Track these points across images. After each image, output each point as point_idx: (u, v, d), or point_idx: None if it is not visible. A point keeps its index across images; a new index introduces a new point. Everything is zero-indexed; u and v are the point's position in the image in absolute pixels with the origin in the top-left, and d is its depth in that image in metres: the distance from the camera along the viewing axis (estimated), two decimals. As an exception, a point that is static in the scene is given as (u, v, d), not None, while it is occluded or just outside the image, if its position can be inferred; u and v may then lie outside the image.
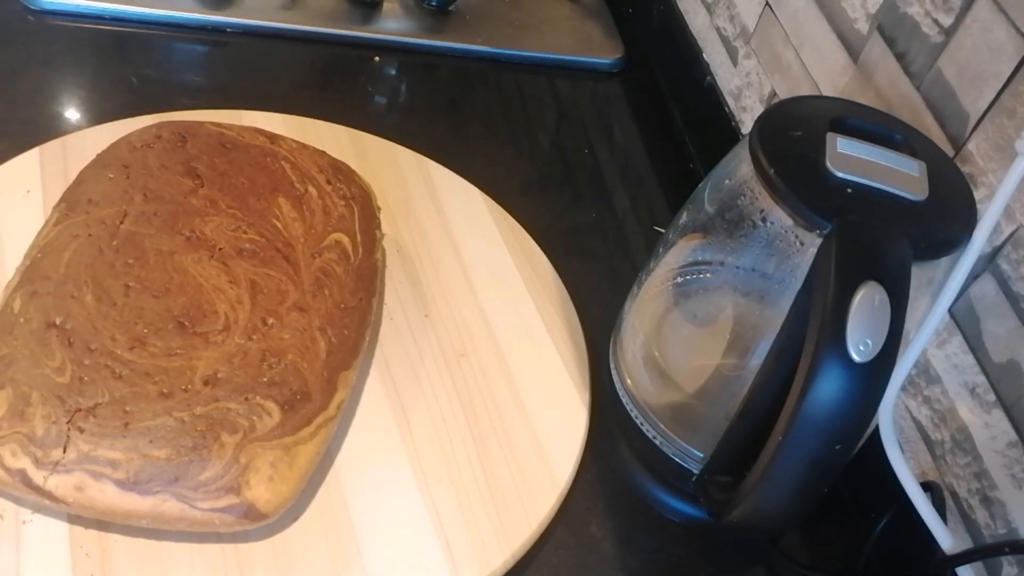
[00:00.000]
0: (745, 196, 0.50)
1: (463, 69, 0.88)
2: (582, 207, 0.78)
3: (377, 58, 0.87)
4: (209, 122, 0.63)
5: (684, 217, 0.56)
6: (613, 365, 0.61)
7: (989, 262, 0.51)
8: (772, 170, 0.46)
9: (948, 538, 0.52)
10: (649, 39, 0.96)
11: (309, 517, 0.52)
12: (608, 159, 0.83)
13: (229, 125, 0.63)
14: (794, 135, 0.48)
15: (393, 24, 0.88)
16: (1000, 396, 0.51)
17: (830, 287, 0.42)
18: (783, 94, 0.74)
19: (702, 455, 0.56)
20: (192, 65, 0.81)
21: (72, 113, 0.74)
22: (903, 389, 0.58)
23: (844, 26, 0.66)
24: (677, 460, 0.57)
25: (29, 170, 0.65)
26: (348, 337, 0.55)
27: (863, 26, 0.64)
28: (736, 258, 0.54)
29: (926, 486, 0.54)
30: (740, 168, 0.51)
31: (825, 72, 0.68)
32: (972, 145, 0.53)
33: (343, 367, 0.54)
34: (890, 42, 0.61)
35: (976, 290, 0.52)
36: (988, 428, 0.52)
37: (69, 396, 0.47)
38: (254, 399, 0.50)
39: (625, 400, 0.60)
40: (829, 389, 0.41)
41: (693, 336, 0.62)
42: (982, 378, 0.52)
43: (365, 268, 0.59)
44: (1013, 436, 0.50)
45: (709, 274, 0.58)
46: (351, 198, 0.61)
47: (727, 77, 0.82)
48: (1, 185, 0.64)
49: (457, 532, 0.53)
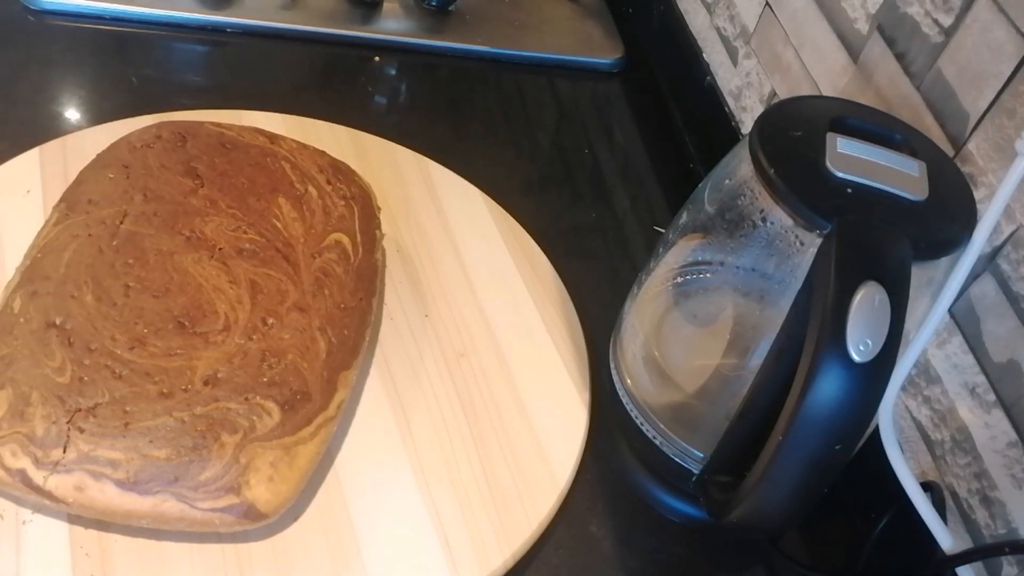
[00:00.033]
0: (745, 196, 0.50)
1: (463, 69, 0.88)
2: (582, 207, 0.78)
3: (377, 58, 0.87)
4: (209, 122, 0.63)
5: (684, 217, 0.56)
6: (613, 365, 0.61)
7: (989, 262, 0.51)
8: (772, 170, 0.46)
9: (948, 538, 0.52)
10: (649, 39, 0.95)
11: (309, 517, 0.52)
12: (608, 159, 0.83)
13: (229, 125, 0.63)
14: (794, 135, 0.48)
15: (393, 24, 0.88)
16: (1000, 396, 0.51)
17: (830, 287, 0.42)
18: (783, 94, 0.74)
19: (702, 455, 0.56)
20: (192, 65, 0.81)
21: (72, 113, 0.74)
22: (903, 389, 0.58)
23: (844, 26, 0.66)
24: (677, 460, 0.57)
25: (29, 170, 0.65)
26: (348, 337, 0.55)
27: (863, 26, 0.64)
28: (736, 258, 0.54)
29: (926, 486, 0.54)
30: (740, 168, 0.51)
31: (825, 72, 0.68)
32: (972, 145, 0.53)
33: (343, 367, 0.54)
34: (890, 42, 0.61)
35: (976, 290, 0.52)
36: (988, 428, 0.52)
37: (69, 396, 0.47)
38: (254, 399, 0.50)
39: (625, 400, 0.60)
40: (829, 389, 0.41)
41: (693, 336, 0.62)
42: (982, 378, 0.52)
43: (365, 268, 0.59)
44: (1013, 436, 0.50)
45: (709, 274, 0.58)
46: (351, 198, 0.61)
47: (727, 77, 0.82)
48: (1, 185, 0.64)
49: (457, 532, 0.53)
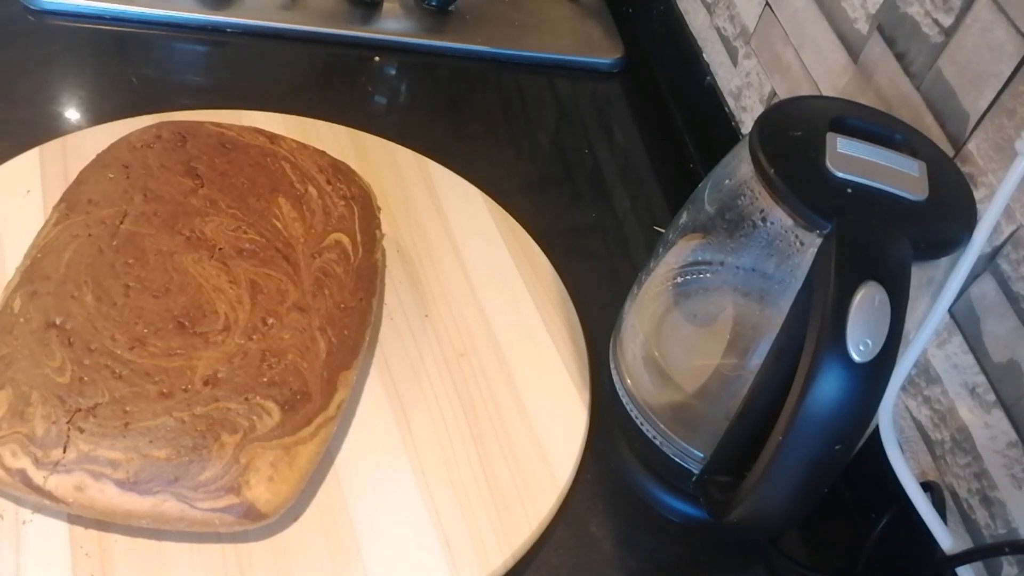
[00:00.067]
0: (745, 196, 0.50)
1: (463, 69, 0.88)
2: (582, 207, 0.78)
3: (377, 58, 0.87)
4: (209, 122, 0.63)
5: (684, 217, 0.56)
6: (613, 365, 0.61)
7: (989, 262, 0.51)
8: (772, 170, 0.46)
9: (948, 538, 0.52)
10: (649, 39, 0.95)
11: (309, 517, 0.52)
12: (608, 159, 0.83)
13: (229, 125, 0.63)
14: (794, 135, 0.48)
15: (393, 24, 0.88)
16: (1000, 396, 0.51)
17: (830, 287, 0.42)
18: (783, 94, 0.74)
19: (702, 455, 0.56)
20: (192, 65, 0.81)
21: (72, 113, 0.74)
22: (903, 389, 0.58)
23: (844, 26, 0.66)
24: (677, 460, 0.57)
25: (29, 170, 0.65)
26: (348, 337, 0.55)
27: (863, 26, 0.64)
28: (736, 258, 0.54)
29: (926, 486, 0.54)
30: (740, 168, 0.51)
31: (825, 72, 0.68)
32: (972, 145, 0.53)
33: (343, 367, 0.54)
34: (890, 42, 0.61)
35: (976, 290, 0.52)
36: (988, 428, 0.52)
37: (69, 396, 0.47)
38: (254, 399, 0.50)
39: (625, 400, 0.60)
40: (829, 389, 0.41)
41: (693, 336, 0.62)
42: (982, 378, 0.52)
43: (365, 268, 0.59)
44: (1013, 436, 0.50)
45: (709, 274, 0.58)
46: (351, 198, 0.61)
47: (727, 77, 0.82)
48: (1, 185, 0.64)
49: (457, 532, 0.53)
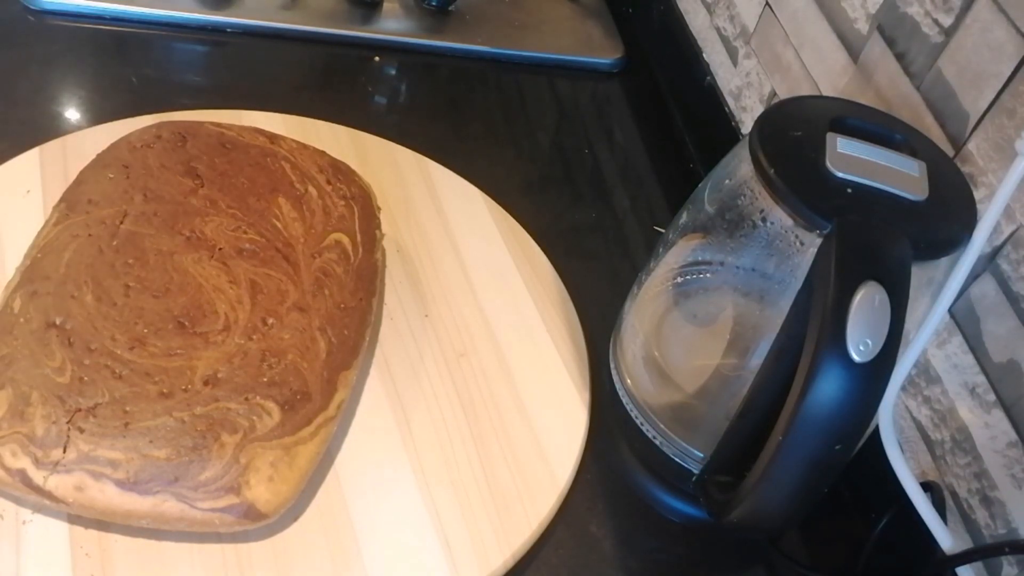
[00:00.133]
0: (745, 196, 0.50)
1: (463, 69, 0.88)
2: (582, 207, 0.78)
3: (377, 58, 0.87)
4: (209, 122, 0.63)
5: (684, 217, 0.56)
6: (613, 365, 0.61)
7: (989, 262, 0.51)
8: (772, 170, 0.46)
9: (948, 538, 0.52)
10: (649, 39, 0.95)
11: (309, 517, 0.52)
12: (608, 159, 0.83)
13: (229, 125, 0.63)
14: (794, 135, 0.48)
15: (393, 24, 0.88)
16: (1000, 396, 0.51)
17: (830, 287, 0.42)
18: (783, 94, 0.74)
19: (702, 455, 0.56)
20: (192, 65, 0.81)
21: (72, 113, 0.74)
22: (903, 389, 0.58)
23: (844, 26, 0.66)
24: (677, 460, 0.57)
25: (29, 170, 0.65)
26: (348, 337, 0.55)
27: (863, 26, 0.64)
28: (736, 258, 0.54)
29: (926, 486, 0.54)
30: (740, 168, 0.51)
31: (825, 72, 0.68)
32: (972, 145, 0.53)
33: (343, 367, 0.54)
34: (890, 42, 0.61)
35: (976, 290, 0.52)
36: (988, 428, 0.52)
37: (69, 396, 0.47)
38: (254, 399, 0.50)
39: (625, 400, 0.60)
40: (829, 389, 0.41)
41: (693, 336, 0.62)
42: (982, 378, 0.52)
43: (365, 268, 0.59)
44: (1013, 436, 0.50)
45: (709, 274, 0.58)
46: (351, 198, 0.61)
47: (727, 77, 0.82)
48: (1, 185, 0.64)
49: (457, 532, 0.53)
